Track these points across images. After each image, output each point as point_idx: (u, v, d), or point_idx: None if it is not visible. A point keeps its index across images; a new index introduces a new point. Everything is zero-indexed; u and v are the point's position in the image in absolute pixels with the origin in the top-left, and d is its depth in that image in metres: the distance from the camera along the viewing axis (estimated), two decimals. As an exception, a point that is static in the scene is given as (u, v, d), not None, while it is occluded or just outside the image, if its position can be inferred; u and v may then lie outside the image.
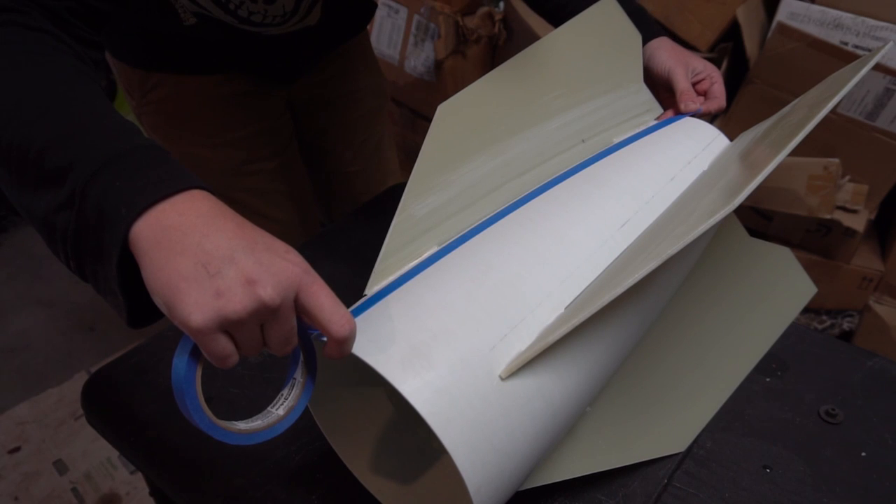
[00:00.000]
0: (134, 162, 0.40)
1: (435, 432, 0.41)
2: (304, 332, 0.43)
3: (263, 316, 0.38)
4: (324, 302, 0.40)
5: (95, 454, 1.44)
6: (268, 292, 0.37)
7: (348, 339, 0.41)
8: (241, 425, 0.44)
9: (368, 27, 1.02)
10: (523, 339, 0.47)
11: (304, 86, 0.95)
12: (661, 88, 0.79)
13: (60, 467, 1.43)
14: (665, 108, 0.79)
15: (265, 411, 0.45)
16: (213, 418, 0.42)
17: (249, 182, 0.92)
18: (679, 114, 0.77)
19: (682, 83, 0.76)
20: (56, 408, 1.56)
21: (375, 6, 0.97)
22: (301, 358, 0.44)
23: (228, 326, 0.37)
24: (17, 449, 1.47)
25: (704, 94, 0.78)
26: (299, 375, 0.45)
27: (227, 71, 0.84)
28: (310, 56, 0.91)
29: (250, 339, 0.39)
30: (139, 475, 1.37)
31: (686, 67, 0.78)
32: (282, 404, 0.45)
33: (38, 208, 0.42)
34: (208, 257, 0.37)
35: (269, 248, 0.39)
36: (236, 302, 0.37)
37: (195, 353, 0.40)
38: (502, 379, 0.45)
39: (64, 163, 0.40)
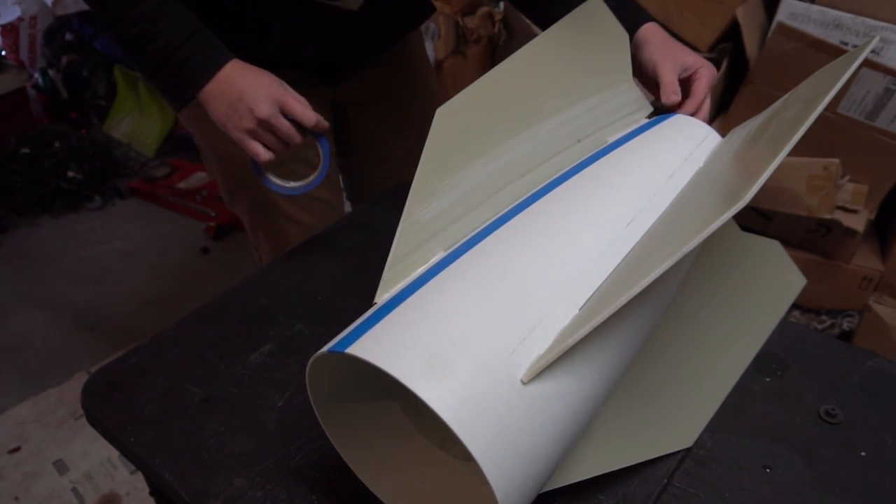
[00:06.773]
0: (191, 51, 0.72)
1: (461, 440, 0.40)
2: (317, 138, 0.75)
3: (267, 125, 0.71)
4: (295, 106, 0.71)
5: (95, 454, 1.44)
6: (262, 111, 0.69)
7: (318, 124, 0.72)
8: (292, 183, 0.78)
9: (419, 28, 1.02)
10: (541, 342, 0.46)
11: (353, 86, 0.95)
12: (649, 81, 0.78)
13: (60, 467, 1.43)
14: (653, 99, 0.78)
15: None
16: (279, 182, 0.77)
17: None
18: (665, 108, 0.76)
19: (666, 76, 0.75)
20: (56, 408, 1.56)
21: (429, 8, 0.96)
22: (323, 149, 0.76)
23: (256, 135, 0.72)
24: (17, 449, 1.47)
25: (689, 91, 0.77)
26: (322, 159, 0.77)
27: (274, 66, 0.82)
28: (362, 53, 0.90)
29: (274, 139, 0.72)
30: (139, 475, 1.36)
31: (675, 62, 0.76)
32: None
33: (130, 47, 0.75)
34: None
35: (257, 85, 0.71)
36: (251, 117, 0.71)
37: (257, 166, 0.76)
38: (524, 383, 0.44)
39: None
